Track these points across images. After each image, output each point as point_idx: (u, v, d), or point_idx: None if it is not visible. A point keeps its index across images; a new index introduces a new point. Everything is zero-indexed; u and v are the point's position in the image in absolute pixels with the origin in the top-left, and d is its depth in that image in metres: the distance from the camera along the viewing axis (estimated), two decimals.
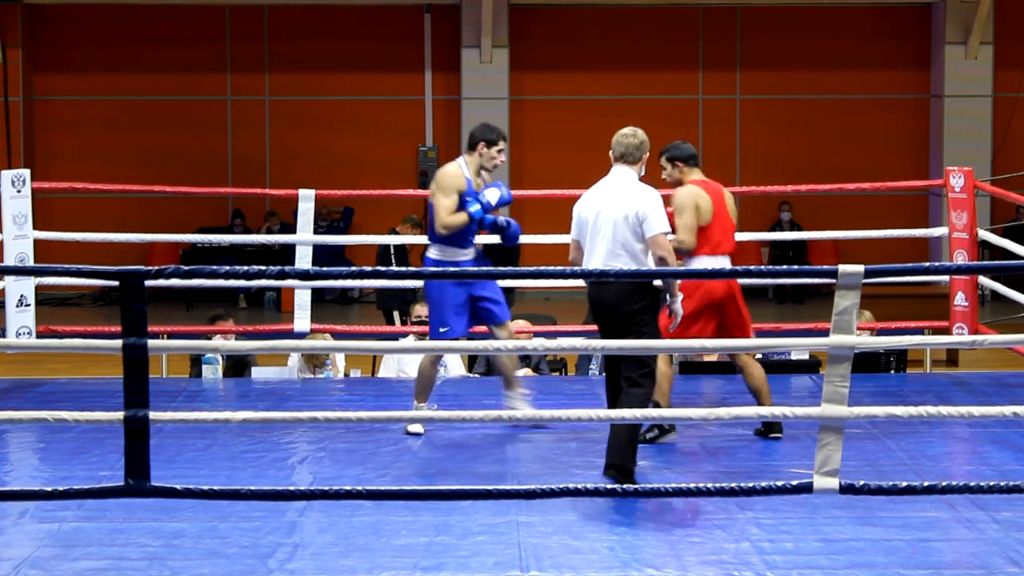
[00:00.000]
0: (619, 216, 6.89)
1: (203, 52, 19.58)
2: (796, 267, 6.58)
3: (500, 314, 8.01)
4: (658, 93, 19.47)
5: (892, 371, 9.99)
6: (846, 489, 5.96)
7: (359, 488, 5.96)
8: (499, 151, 7.93)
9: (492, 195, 7.86)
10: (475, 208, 7.80)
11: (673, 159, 7.84)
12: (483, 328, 8.24)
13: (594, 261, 6.93)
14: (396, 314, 13.24)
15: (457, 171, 7.91)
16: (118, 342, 5.67)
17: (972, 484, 6.25)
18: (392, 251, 13.69)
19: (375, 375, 10.87)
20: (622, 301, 6.83)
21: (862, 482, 5.98)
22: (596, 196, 7.05)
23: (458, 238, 7.88)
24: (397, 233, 12.77)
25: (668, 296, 7.01)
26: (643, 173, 7.09)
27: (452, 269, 7.43)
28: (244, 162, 19.68)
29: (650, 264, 6.89)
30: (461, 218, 7.81)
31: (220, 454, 7.55)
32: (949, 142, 19.15)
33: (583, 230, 7.03)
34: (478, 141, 7.91)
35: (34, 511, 6.39)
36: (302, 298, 10.07)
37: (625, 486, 6.29)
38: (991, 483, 6.26)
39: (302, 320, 9.97)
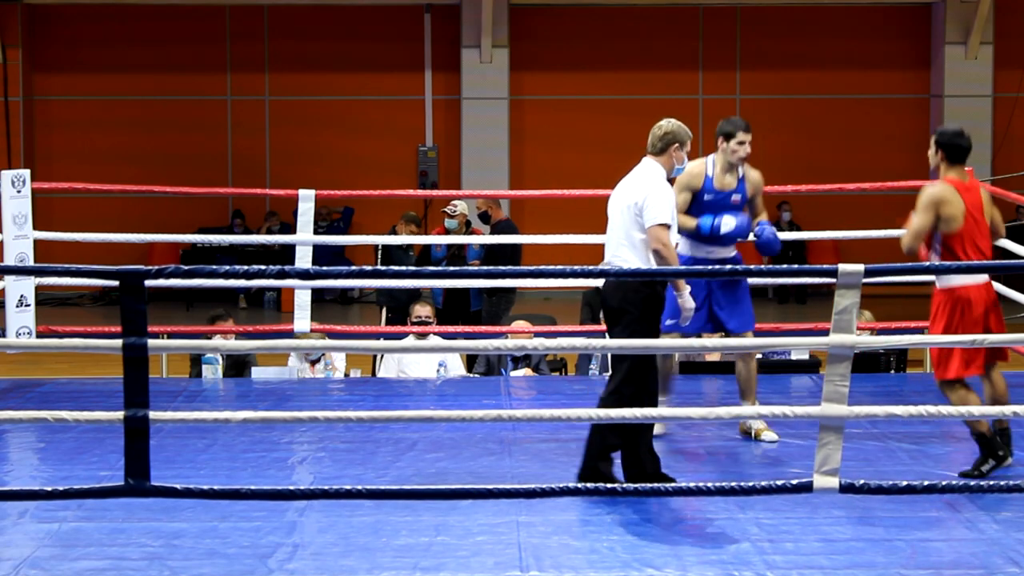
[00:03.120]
0: (623, 206, 6.79)
1: (203, 52, 19.59)
2: (796, 267, 6.57)
3: (733, 327, 7.64)
4: (658, 93, 19.47)
5: (892, 371, 9.99)
6: (846, 489, 5.96)
7: (359, 488, 5.96)
8: (739, 143, 7.62)
9: (727, 224, 7.53)
10: (706, 222, 7.53)
11: (937, 144, 6.87)
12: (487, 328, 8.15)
13: (606, 251, 6.86)
14: (384, 311, 13.22)
15: (697, 168, 7.65)
16: (118, 342, 5.67)
17: (972, 484, 6.25)
18: (379, 251, 13.65)
19: (374, 375, 10.87)
20: (613, 295, 6.73)
21: (862, 482, 5.98)
22: (619, 186, 6.94)
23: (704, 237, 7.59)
24: (396, 232, 12.74)
25: (675, 292, 6.88)
26: (681, 165, 6.89)
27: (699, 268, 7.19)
28: (244, 162, 19.69)
29: (650, 256, 6.72)
30: (687, 223, 7.56)
31: (220, 454, 7.54)
32: None
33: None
34: (717, 136, 7.67)
35: (34, 511, 6.39)
36: (302, 298, 10.06)
37: (625, 486, 6.29)
38: (991, 483, 6.26)
39: (302, 320, 9.96)
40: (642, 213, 6.73)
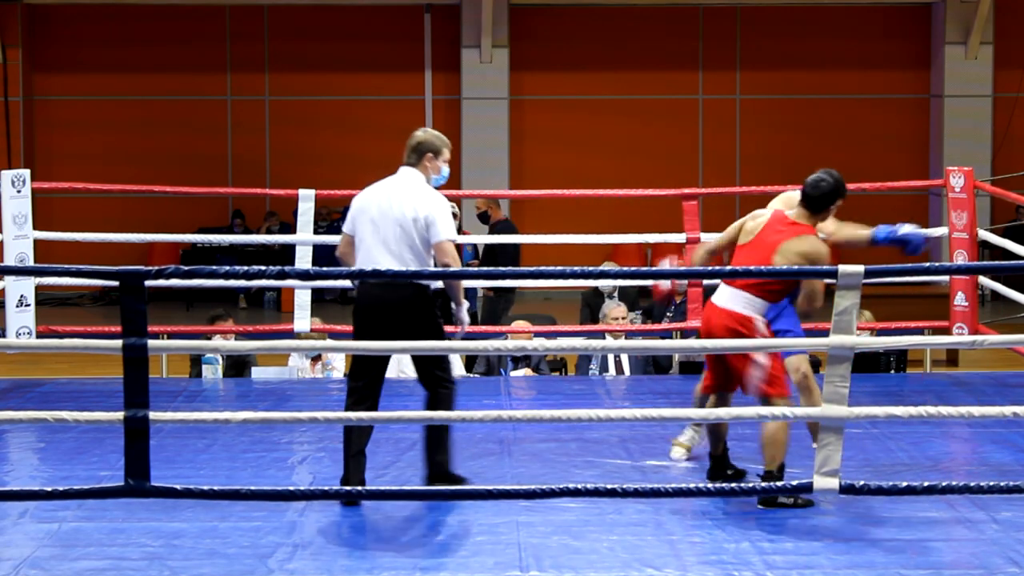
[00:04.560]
0: (404, 219, 6.56)
1: (203, 52, 19.59)
2: (796, 268, 6.54)
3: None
4: (658, 93, 19.47)
5: (892, 371, 9.99)
6: (846, 489, 5.97)
7: (359, 488, 5.96)
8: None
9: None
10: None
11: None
12: (485, 327, 8.15)
13: (370, 263, 6.55)
14: None
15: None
16: (118, 342, 5.67)
17: (972, 484, 6.25)
18: None
19: None
20: (407, 307, 6.55)
21: (862, 482, 5.99)
22: (379, 194, 6.68)
23: None
24: None
25: (453, 305, 6.67)
26: (441, 174, 6.76)
27: None
28: (244, 162, 19.69)
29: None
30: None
31: (220, 454, 7.55)
32: (949, 142, 19.15)
33: (358, 226, 6.67)
34: None
35: (34, 511, 6.39)
36: (302, 298, 10.07)
37: (625, 487, 6.28)
38: (991, 483, 6.26)
39: (302, 320, 9.97)
40: (429, 228, 6.55)
